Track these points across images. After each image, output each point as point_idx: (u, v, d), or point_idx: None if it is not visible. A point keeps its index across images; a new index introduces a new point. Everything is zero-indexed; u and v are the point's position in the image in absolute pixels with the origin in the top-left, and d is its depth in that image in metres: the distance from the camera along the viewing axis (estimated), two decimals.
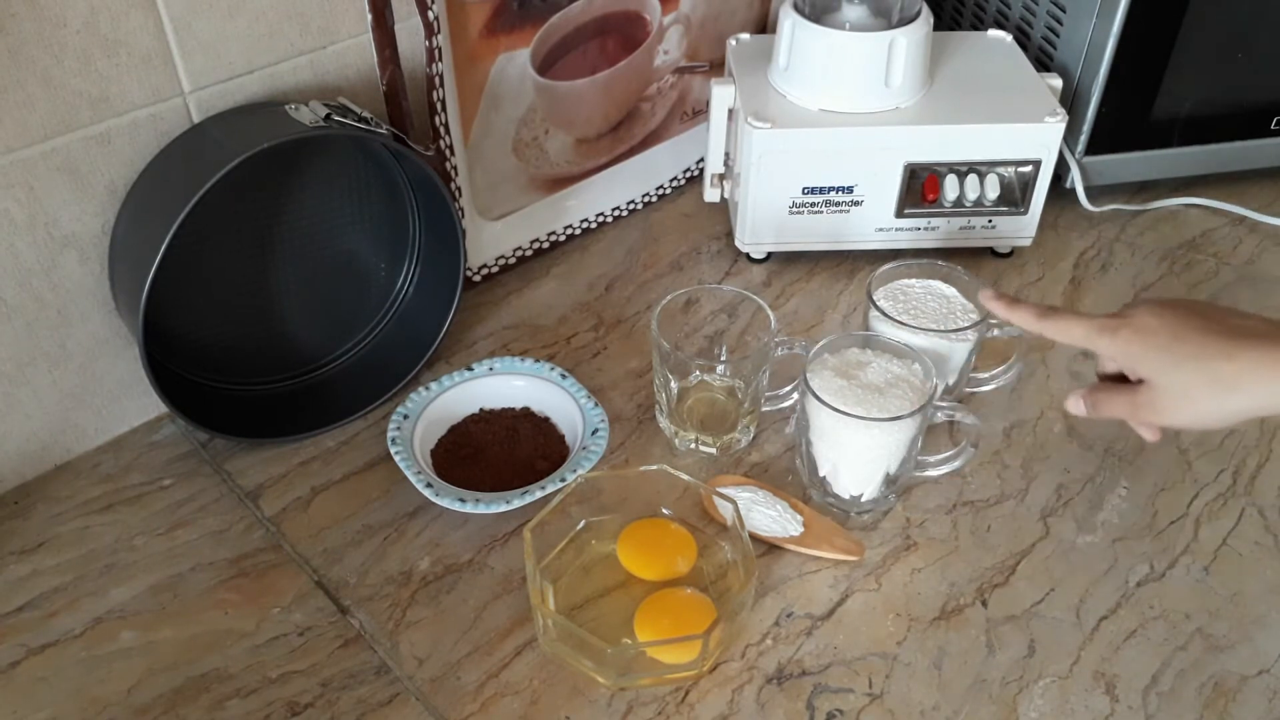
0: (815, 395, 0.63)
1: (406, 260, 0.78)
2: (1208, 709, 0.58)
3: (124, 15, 0.62)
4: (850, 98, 0.80)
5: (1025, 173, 0.82)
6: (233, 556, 0.66)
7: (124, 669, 0.60)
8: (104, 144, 0.64)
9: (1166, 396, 0.56)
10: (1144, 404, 0.58)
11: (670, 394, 0.70)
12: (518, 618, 0.62)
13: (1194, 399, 0.55)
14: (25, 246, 0.64)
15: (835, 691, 0.59)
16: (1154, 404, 0.57)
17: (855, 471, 0.65)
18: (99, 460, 0.72)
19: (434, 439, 0.71)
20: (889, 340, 0.67)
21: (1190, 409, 0.56)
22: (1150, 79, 0.85)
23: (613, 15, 0.82)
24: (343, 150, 0.73)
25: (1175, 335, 0.56)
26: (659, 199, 0.94)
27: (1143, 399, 0.57)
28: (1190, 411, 0.56)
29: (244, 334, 0.73)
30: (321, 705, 0.58)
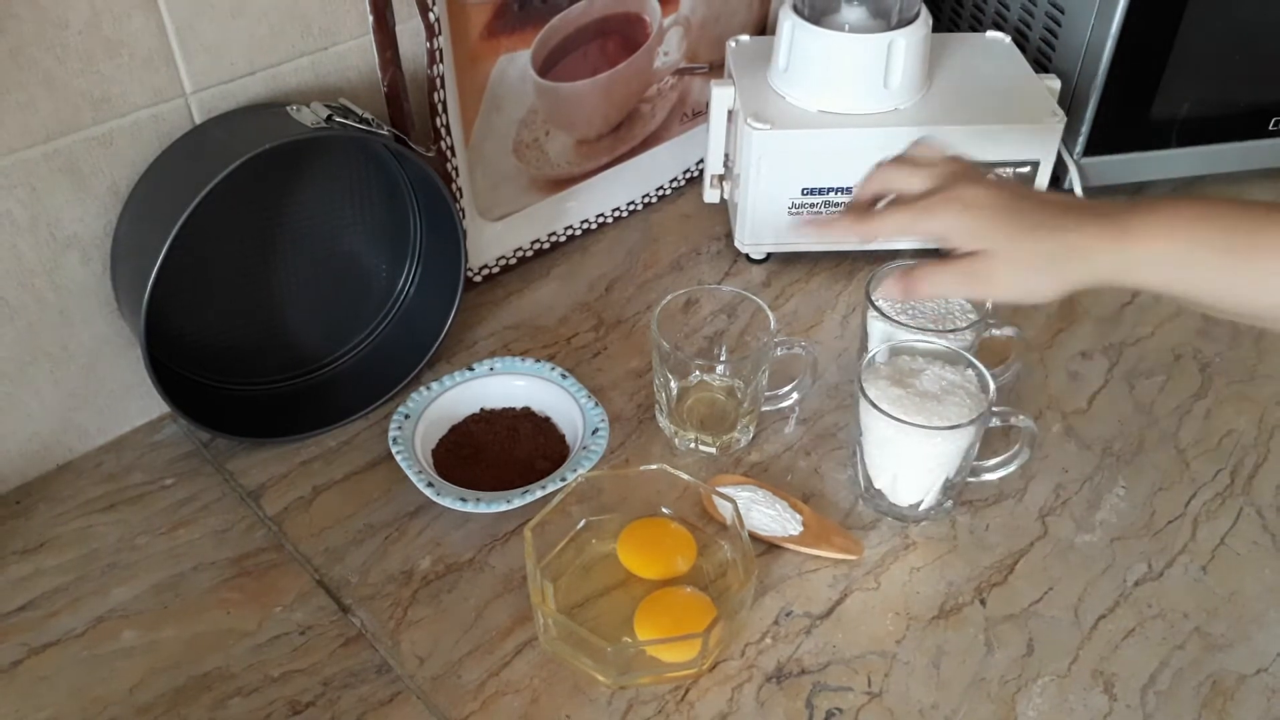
0: (874, 405, 0.63)
1: (408, 260, 0.79)
2: (1206, 708, 0.58)
3: (126, 16, 0.62)
4: (849, 99, 0.80)
5: (1024, 173, 0.82)
6: (234, 556, 0.66)
7: (126, 668, 0.60)
8: (106, 145, 0.64)
9: (1007, 266, 0.55)
10: (978, 273, 0.56)
11: (670, 394, 0.71)
12: (518, 617, 0.62)
13: (1035, 270, 0.55)
14: (27, 247, 0.64)
15: (834, 690, 0.59)
16: (991, 274, 0.56)
17: (915, 480, 0.65)
18: (101, 460, 0.72)
19: (435, 439, 0.72)
20: (940, 346, 0.67)
21: (1033, 280, 0.55)
22: (1149, 80, 0.86)
23: (613, 17, 0.83)
24: (344, 151, 0.73)
25: (1010, 208, 0.55)
26: (659, 200, 0.94)
27: (978, 268, 0.56)
28: (1032, 282, 0.55)
29: (246, 334, 0.74)
30: (323, 704, 0.58)
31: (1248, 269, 0.51)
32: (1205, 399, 0.76)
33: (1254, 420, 0.74)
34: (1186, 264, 0.52)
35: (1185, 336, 0.81)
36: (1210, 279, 0.52)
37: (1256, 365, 0.78)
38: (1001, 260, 0.55)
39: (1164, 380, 0.77)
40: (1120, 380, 0.77)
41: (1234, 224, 0.51)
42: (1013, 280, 0.56)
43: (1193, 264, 0.51)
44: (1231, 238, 0.51)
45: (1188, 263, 0.51)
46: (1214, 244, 0.51)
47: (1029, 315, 0.83)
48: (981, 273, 0.56)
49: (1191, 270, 0.52)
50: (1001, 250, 0.55)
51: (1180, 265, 0.52)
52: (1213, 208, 0.52)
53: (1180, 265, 0.52)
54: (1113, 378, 0.78)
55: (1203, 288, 0.52)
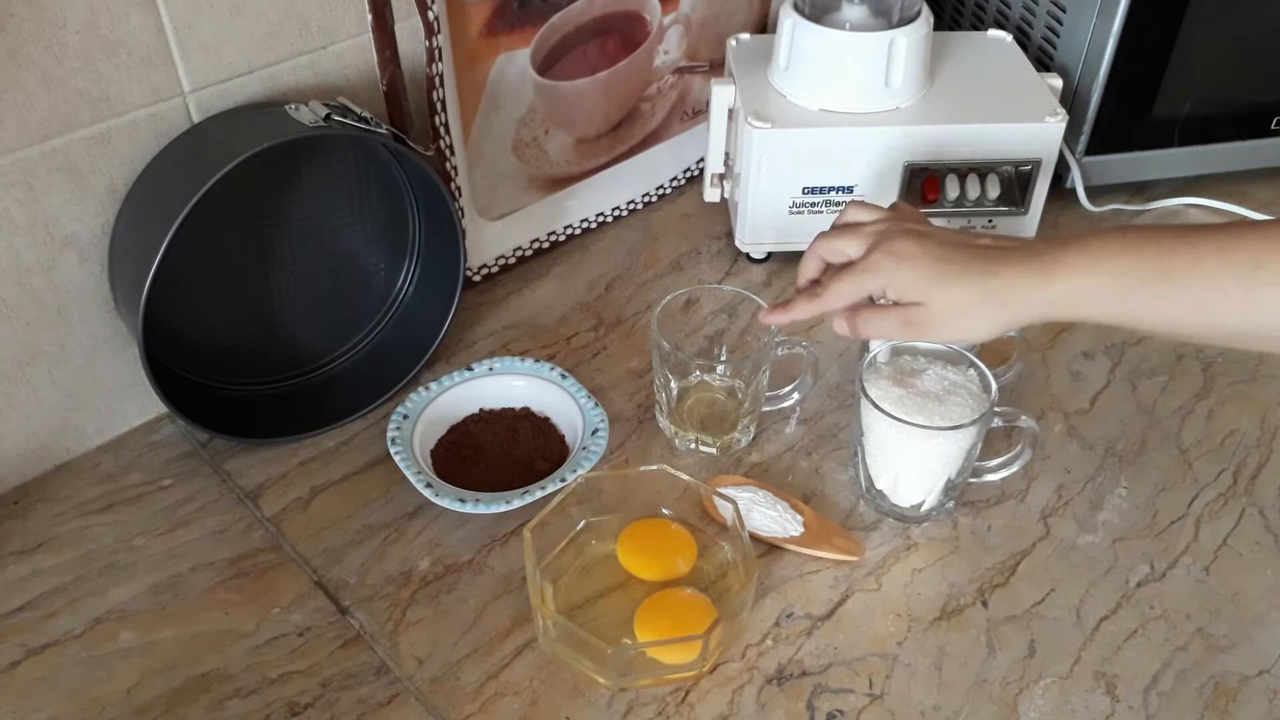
0: (875, 405, 0.62)
1: (406, 260, 0.78)
2: (1208, 709, 0.58)
3: (124, 15, 0.62)
4: (850, 98, 0.80)
5: (1025, 172, 0.82)
6: (232, 557, 0.66)
7: (124, 669, 0.60)
8: (104, 144, 0.64)
9: (939, 315, 0.59)
10: (915, 321, 0.59)
11: (670, 394, 0.70)
12: (518, 618, 0.62)
13: (968, 314, 0.58)
14: (25, 246, 0.64)
15: (835, 692, 0.59)
16: (926, 322, 0.59)
17: (917, 481, 0.65)
18: (99, 460, 0.72)
19: (434, 439, 0.71)
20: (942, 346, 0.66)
21: (964, 325, 0.59)
22: (1150, 79, 0.85)
23: (613, 15, 0.82)
24: (343, 150, 0.73)
25: (938, 257, 0.58)
26: (659, 199, 0.94)
27: (914, 317, 0.59)
28: (964, 327, 0.59)
29: (244, 334, 0.73)
30: (321, 705, 0.58)
31: (1169, 292, 0.53)
32: (1207, 399, 0.76)
33: (1256, 420, 0.74)
34: (1111, 294, 0.54)
35: None
36: (1135, 306, 0.54)
37: (1259, 366, 0.78)
38: (935, 309, 0.59)
39: (1166, 380, 0.77)
40: (1122, 380, 0.77)
41: (1154, 251, 0.53)
42: (946, 326, 0.59)
43: (1116, 293, 0.54)
44: (1152, 264, 0.53)
45: (1112, 293, 0.54)
46: (1135, 272, 0.54)
47: None
48: (918, 320, 0.59)
49: (1116, 299, 0.54)
50: (935, 300, 0.58)
51: (1106, 296, 0.54)
52: (1136, 237, 0.55)
53: (1106, 296, 0.54)
54: (1115, 378, 0.77)
55: (1130, 315, 0.55)
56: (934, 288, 0.58)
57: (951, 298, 0.58)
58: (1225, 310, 0.52)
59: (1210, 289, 0.52)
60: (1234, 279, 0.51)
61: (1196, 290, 0.52)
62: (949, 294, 0.58)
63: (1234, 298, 0.52)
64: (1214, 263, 0.52)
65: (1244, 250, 0.51)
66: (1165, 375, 0.77)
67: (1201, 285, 0.52)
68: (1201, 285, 0.52)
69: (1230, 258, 0.51)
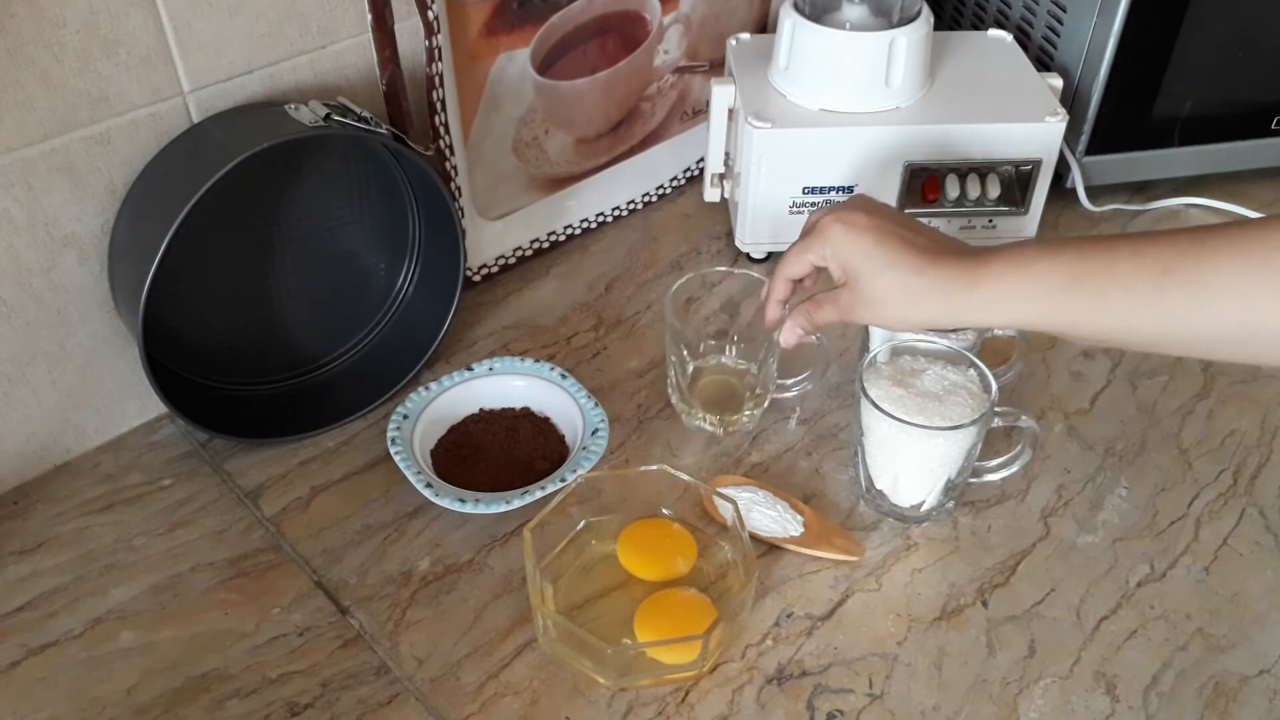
0: (875, 405, 0.62)
1: (406, 260, 0.78)
2: (1208, 709, 0.58)
3: (124, 15, 0.61)
4: (850, 97, 0.80)
5: (1026, 172, 0.82)
6: (232, 557, 0.66)
7: (124, 669, 0.60)
8: (103, 144, 0.64)
9: (864, 300, 0.60)
10: (848, 305, 0.61)
11: (680, 372, 0.71)
12: (518, 618, 0.62)
13: (887, 305, 0.59)
14: (25, 246, 0.64)
15: (835, 692, 0.59)
16: (854, 306, 0.60)
17: (917, 481, 0.65)
18: (99, 460, 0.72)
19: (434, 439, 0.71)
20: (942, 346, 0.66)
21: (885, 313, 0.59)
22: (1151, 79, 0.85)
23: (613, 15, 0.82)
24: (342, 150, 0.73)
25: (878, 240, 0.59)
26: (659, 199, 0.94)
27: (846, 300, 0.61)
28: (885, 315, 0.60)
29: (244, 334, 0.73)
30: (321, 705, 0.58)
31: (1085, 297, 0.53)
32: (1208, 399, 0.76)
33: (1256, 420, 0.74)
34: (1029, 300, 0.55)
35: None
36: (1052, 312, 0.54)
37: (1259, 365, 0.78)
38: (861, 294, 0.60)
39: (1166, 380, 0.77)
40: (1123, 380, 0.77)
41: (1071, 256, 0.54)
42: (873, 313, 0.60)
43: (1034, 299, 0.55)
44: (1068, 268, 0.54)
45: (1030, 298, 0.55)
46: (1052, 277, 0.54)
47: None
48: (849, 305, 0.61)
49: (1034, 305, 0.55)
50: (861, 284, 0.59)
51: (1024, 303, 0.55)
52: (1058, 244, 0.55)
53: (1024, 303, 0.55)
54: (1115, 378, 0.77)
55: (1049, 320, 0.55)
56: (864, 267, 0.59)
57: (875, 285, 0.59)
58: (1138, 314, 0.52)
59: (1123, 291, 0.52)
60: (1145, 281, 0.51)
61: (1110, 294, 0.52)
62: (874, 280, 0.59)
63: (1145, 301, 0.51)
64: (1127, 265, 0.52)
65: (1155, 254, 0.51)
66: (1165, 375, 0.77)
67: (1115, 288, 0.52)
68: (1115, 288, 0.52)
69: (1142, 262, 0.51)
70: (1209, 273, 0.50)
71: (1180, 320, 0.51)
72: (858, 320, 0.62)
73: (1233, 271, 0.49)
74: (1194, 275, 0.50)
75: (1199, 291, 0.50)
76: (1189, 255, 0.50)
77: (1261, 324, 0.49)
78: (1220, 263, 0.50)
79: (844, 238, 0.60)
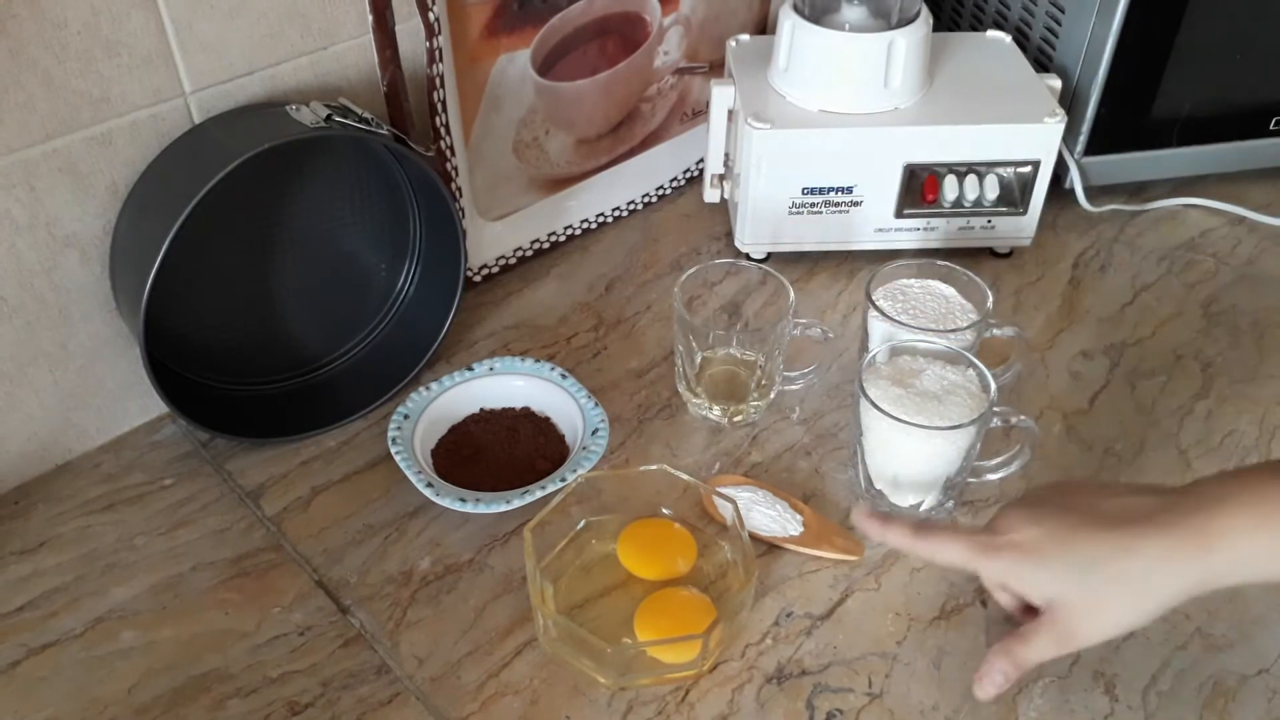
0: (875, 405, 0.62)
1: (407, 260, 0.79)
2: (1207, 709, 0.58)
3: (125, 16, 0.62)
4: (850, 98, 0.80)
5: (1024, 173, 0.82)
6: (233, 556, 0.66)
7: (124, 669, 0.60)
8: (105, 144, 0.64)
9: (1081, 618, 0.49)
10: (1064, 635, 0.50)
11: (687, 361, 0.72)
12: (518, 618, 0.62)
13: (1110, 610, 0.49)
14: (26, 247, 0.64)
15: (835, 691, 0.59)
16: (1073, 631, 0.49)
17: (915, 481, 0.65)
18: (100, 460, 0.72)
19: (434, 439, 0.71)
20: (941, 346, 0.67)
21: (1111, 620, 0.49)
22: (1149, 79, 0.85)
23: (613, 16, 0.83)
24: (343, 151, 0.73)
25: (1061, 541, 0.49)
26: (659, 199, 0.94)
27: (1061, 629, 0.50)
28: (1112, 623, 0.49)
29: (245, 334, 0.74)
30: (322, 705, 0.58)
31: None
32: (1207, 399, 0.76)
33: (1255, 420, 0.74)
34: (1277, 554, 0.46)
35: (1187, 336, 0.81)
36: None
37: (1258, 365, 0.78)
38: (1072, 613, 0.49)
39: (1165, 380, 0.77)
40: (1121, 380, 0.77)
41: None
42: (1097, 627, 0.50)
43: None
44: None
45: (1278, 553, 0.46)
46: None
47: (1030, 316, 0.83)
48: (1066, 634, 0.50)
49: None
50: (1066, 600, 0.49)
51: (1272, 557, 0.47)
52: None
53: (1272, 557, 0.47)
54: (1114, 378, 0.77)
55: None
56: (1059, 584, 0.49)
57: (1084, 593, 0.49)
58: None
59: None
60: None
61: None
62: (1080, 589, 0.49)
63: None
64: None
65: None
66: (1164, 375, 0.78)
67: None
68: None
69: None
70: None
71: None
72: (1080, 648, 0.51)
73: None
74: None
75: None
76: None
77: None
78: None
79: (1020, 558, 0.50)
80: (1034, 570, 0.50)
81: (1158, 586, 0.48)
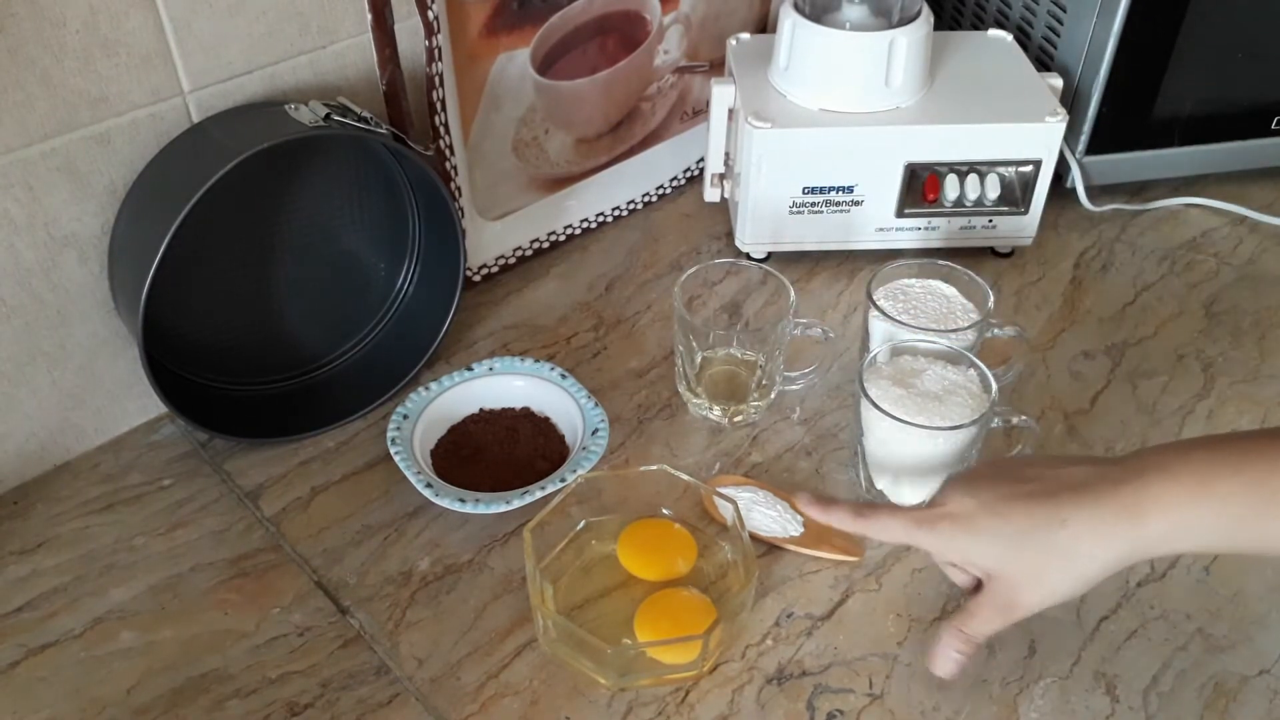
0: (875, 405, 0.62)
1: (406, 260, 0.78)
2: (1208, 709, 0.58)
3: (124, 15, 0.61)
4: (850, 97, 0.80)
5: (1026, 172, 0.82)
6: (232, 557, 0.66)
7: (123, 669, 0.60)
8: (104, 144, 0.64)
9: (1018, 588, 0.50)
10: (1006, 605, 0.50)
11: (687, 360, 0.72)
12: (518, 618, 0.62)
13: (1045, 579, 0.49)
14: (25, 246, 0.64)
15: (836, 692, 0.59)
16: (1014, 601, 0.50)
17: (916, 481, 0.65)
18: (99, 460, 0.72)
19: (434, 439, 0.71)
20: (942, 346, 0.66)
21: (1048, 590, 0.50)
22: (1151, 79, 0.85)
23: (613, 15, 0.82)
24: (342, 150, 0.73)
25: (996, 512, 0.50)
26: (659, 199, 0.94)
27: (1002, 600, 0.50)
28: (1048, 591, 0.50)
29: (244, 334, 0.73)
30: (321, 705, 0.58)
31: (1278, 514, 0.45)
32: (1208, 399, 0.75)
33: (1256, 420, 0.74)
34: (1216, 528, 0.46)
35: (1188, 336, 0.80)
36: (1248, 535, 0.46)
37: (1259, 365, 0.78)
38: (1010, 583, 0.50)
39: (1167, 380, 0.77)
40: (1123, 380, 0.77)
41: (1264, 467, 0.46)
42: (1035, 597, 0.50)
43: (1223, 525, 0.46)
44: (1265, 484, 0.45)
45: (1217, 526, 0.46)
46: (1243, 497, 0.46)
47: (1031, 315, 0.83)
48: (1006, 604, 0.51)
49: (1223, 532, 0.46)
50: (1003, 571, 0.50)
51: (1209, 530, 0.47)
52: (1226, 451, 0.47)
53: (1209, 530, 0.47)
54: (1115, 378, 0.77)
55: (1240, 544, 0.47)
56: (996, 554, 0.50)
57: (1020, 563, 0.49)
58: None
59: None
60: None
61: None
62: (1016, 559, 0.49)
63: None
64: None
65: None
66: (1166, 375, 0.77)
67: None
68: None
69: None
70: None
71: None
72: (1024, 616, 0.51)
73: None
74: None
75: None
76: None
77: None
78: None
79: (956, 531, 0.50)
80: (970, 541, 0.50)
81: (1091, 556, 0.48)
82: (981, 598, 0.52)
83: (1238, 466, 0.46)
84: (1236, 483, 0.46)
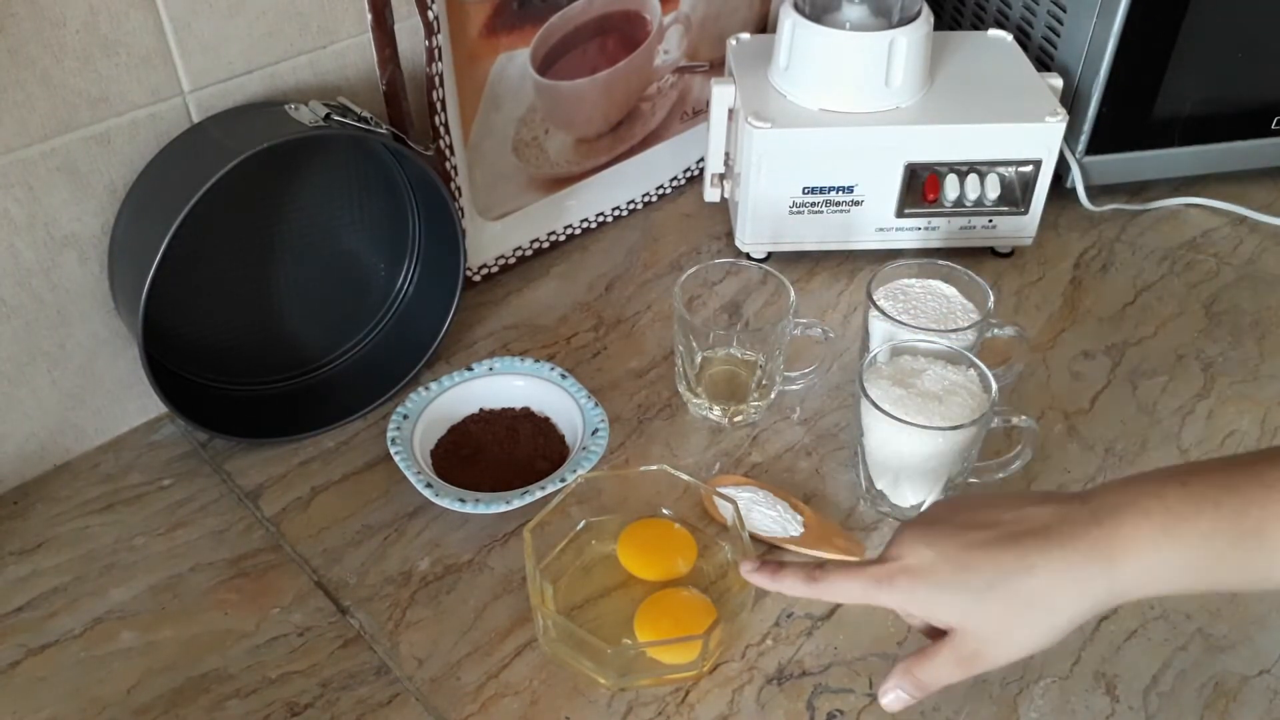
0: (875, 405, 0.62)
1: (406, 260, 0.78)
2: (1208, 709, 0.58)
3: (124, 15, 0.61)
4: (850, 97, 0.80)
5: (1026, 172, 0.82)
6: (232, 557, 0.66)
7: (123, 669, 0.60)
8: (104, 144, 0.64)
9: (985, 641, 0.47)
10: (968, 657, 0.47)
11: (687, 361, 0.72)
12: (518, 618, 0.62)
13: (1012, 633, 0.46)
14: (25, 246, 0.64)
15: (835, 692, 0.59)
16: (978, 654, 0.47)
17: (917, 481, 0.65)
18: (98, 460, 0.72)
19: (434, 439, 0.71)
20: (942, 346, 0.66)
21: (1015, 645, 0.46)
22: (1151, 78, 0.85)
23: (613, 15, 0.82)
24: (342, 150, 0.73)
25: (957, 563, 0.46)
26: (659, 199, 0.94)
27: (965, 652, 0.47)
28: (1018, 644, 0.46)
29: (244, 334, 0.73)
30: (321, 705, 0.58)
31: (1269, 550, 0.44)
32: (1208, 399, 0.75)
33: (1257, 420, 0.74)
34: (1192, 567, 0.44)
35: (1188, 336, 0.80)
36: (1225, 573, 0.45)
37: (1259, 365, 0.78)
38: (974, 637, 0.47)
39: (1166, 380, 0.77)
40: (1123, 380, 0.77)
41: (1237, 504, 0.44)
42: (1002, 650, 0.47)
43: (1200, 564, 0.44)
44: (1238, 522, 0.44)
45: (1193, 565, 0.44)
46: (1221, 537, 0.44)
47: (1031, 315, 0.83)
48: (970, 656, 0.47)
49: (1199, 571, 0.44)
50: (967, 625, 0.47)
51: (1184, 570, 0.45)
52: (1201, 488, 0.45)
53: (1184, 570, 0.45)
54: (1115, 378, 0.77)
55: (1219, 582, 0.45)
56: (959, 608, 0.46)
57: (985, 617, 0.46)
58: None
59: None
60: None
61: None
62: (980, 612, 0.46)
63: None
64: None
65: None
66: (1165, 375, 0.77)
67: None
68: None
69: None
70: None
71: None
72: (988, 669, 0.48)
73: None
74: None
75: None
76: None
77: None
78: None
79: (916, 585, 0.47)
80: (931, 596, 0.47)
81: (1062, 605, 0.45)
82: (943, 646, 0.48)
83: (1217, 500, 0.44)
84: (1212, 523, 0.43)
